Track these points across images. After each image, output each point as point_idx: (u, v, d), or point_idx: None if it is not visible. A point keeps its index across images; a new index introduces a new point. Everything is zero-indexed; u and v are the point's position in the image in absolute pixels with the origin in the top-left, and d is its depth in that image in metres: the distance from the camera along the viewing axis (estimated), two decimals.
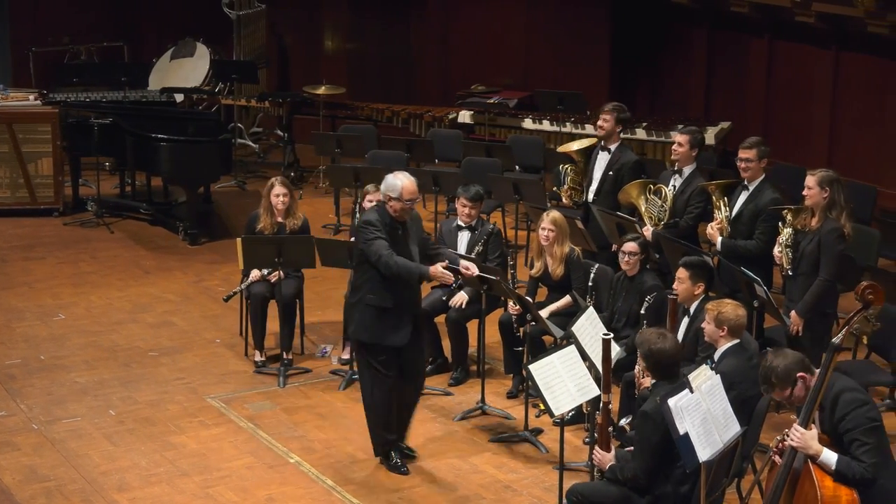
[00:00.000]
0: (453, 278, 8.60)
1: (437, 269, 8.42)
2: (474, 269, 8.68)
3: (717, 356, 7.85)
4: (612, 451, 7.33)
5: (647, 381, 7.79)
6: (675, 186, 10.39)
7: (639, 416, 7.13)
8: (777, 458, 6.63)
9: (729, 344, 7.83)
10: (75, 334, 11.13)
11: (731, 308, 7.86)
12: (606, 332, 7.50)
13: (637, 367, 8.09)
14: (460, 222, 10.31)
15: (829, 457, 6.39)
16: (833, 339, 6.51)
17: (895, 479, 6.54)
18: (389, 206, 8.50)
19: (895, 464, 6.61)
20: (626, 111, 11.18)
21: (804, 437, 6.44)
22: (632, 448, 7.27)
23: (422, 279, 8.60)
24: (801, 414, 6.53)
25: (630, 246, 9.43)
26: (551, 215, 9.87)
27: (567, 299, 9.83)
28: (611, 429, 7.42)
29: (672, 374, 7.21)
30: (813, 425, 6.51)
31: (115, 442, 9.19)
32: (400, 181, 8.46)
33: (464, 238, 10.24)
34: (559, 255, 9.82)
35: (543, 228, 9.84)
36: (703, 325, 7.92)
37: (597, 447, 7.38)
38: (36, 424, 9.44)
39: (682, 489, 7.03)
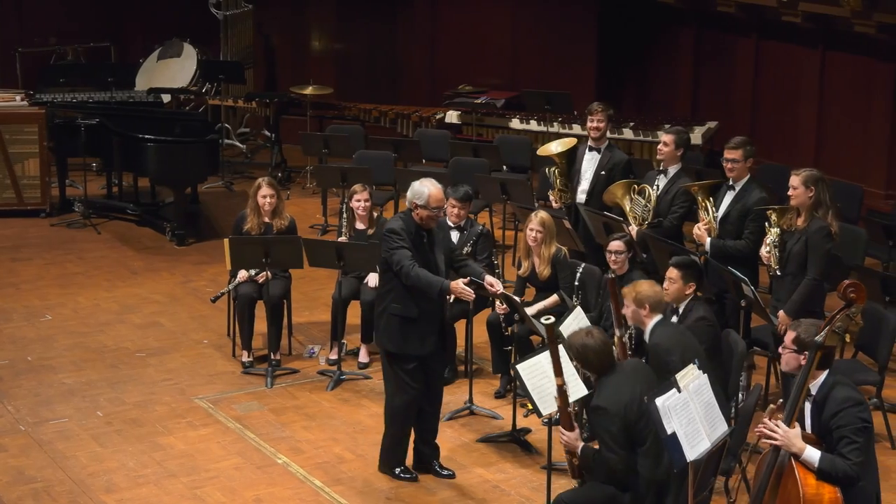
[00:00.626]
0: (473, 295, 8.47)
1: (458, 284, 8.27)
2: (498, 286, 8.54)
3: (647, 335, 7.94)
4: (577, 430, 7.30)
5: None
6: (658, 186, 10.39)
7: (591, 412, 7.15)
8: (763, 442, 6.62)
9: (654, 320, 7.94)
10: (62, 335, 11.11)
11: (647, 286, 8.01)
12: (548, 316, 7.42)
13: None
14: (449, 222, 10.30)
15: (813, 454, 6.40)
16: (816, 338, 6.53)
17: (874, 482, 6.58)
18: (416, 214, 8.39)
19: (876, 466, 6.64)
20: (611, 107, 11.25)
21: (787, 434, 6.45)
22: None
23: (442, 293, 8.35)
24: (784, 411, 6.55)
25: (616, 245, 9.42)
26: (539, 216, 9.86)
27: (554, 298, 9.83)
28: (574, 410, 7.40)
29: (607, 368, 7.25)
30: (796, 423, 6.52)
31: (103, 443, 9.18)
32: (427, 188, 8.35)
33: (453, 238, 10.22)
34: (546, 255, 9.82)
35: (531, 229, 9.84)
36: (623, 310, 7.94)
37: (560, 429, 7.32)
38: (23, 426, 9.42)
39: (657, 473, 7.04)
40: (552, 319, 7.27)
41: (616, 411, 7.04)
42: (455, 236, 10.21)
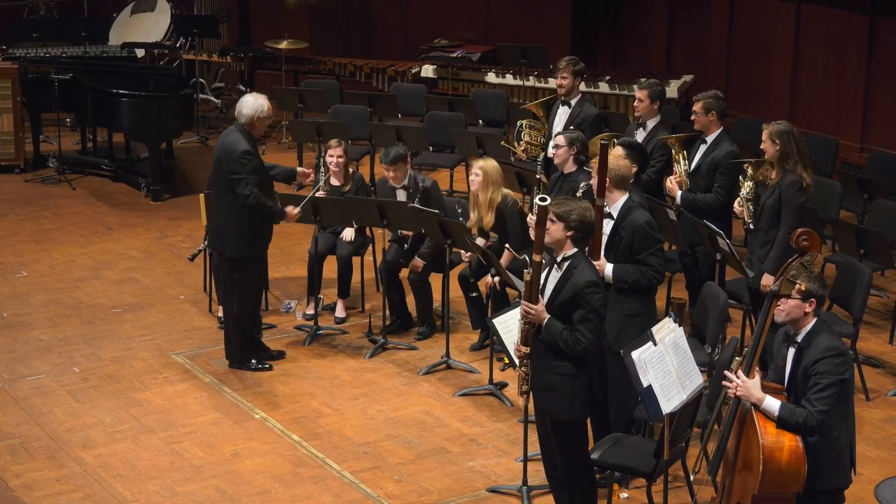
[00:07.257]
0: (313, 176, 9.93)
1: (291, 210, 9.48)
2: (312, 175, 10.02)
3: (615, 210, 7.98)
4: (542, 303, 7.10)
5: None
6: (639, 141, 10.39)
7: (584, 286, 6.96)
8: (731, 393, 6.63)
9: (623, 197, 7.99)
10: (38, 291, 11.09)
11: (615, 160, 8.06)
12: (543, 196, 7.22)
13: None
14: (393, 184, 10.26)
15: (772, 404, 6.45)
16: (771, 287, 6.57)
17: (850, 433, 6.62)
18: (257, 127, 9.32)
19: (854, 420, 6.67)
20: (580, 62, 11.19)
21: (746, 384, 6.50)
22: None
23: (280, 217, 9.50)
24: (744, 362, 6.59)
25: (559, 139, 9.33)
26: (480, 162, 9.82)
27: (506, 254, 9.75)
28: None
29: (587, 245, 7.25)
30: (756, 373, 6.57)
31: (80, 399, 9.18)
32: (262, 101, 9.34)
33: (401, 197, 10.16)
34: (485, 201, 9.75)
35: (471, 173, 9.85)
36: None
37: (524, 301, 7.12)
38: None
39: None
40: (548, 200, 7.07)
41: (604, 292, 7.02)
42: (403, 195, 10.15)
